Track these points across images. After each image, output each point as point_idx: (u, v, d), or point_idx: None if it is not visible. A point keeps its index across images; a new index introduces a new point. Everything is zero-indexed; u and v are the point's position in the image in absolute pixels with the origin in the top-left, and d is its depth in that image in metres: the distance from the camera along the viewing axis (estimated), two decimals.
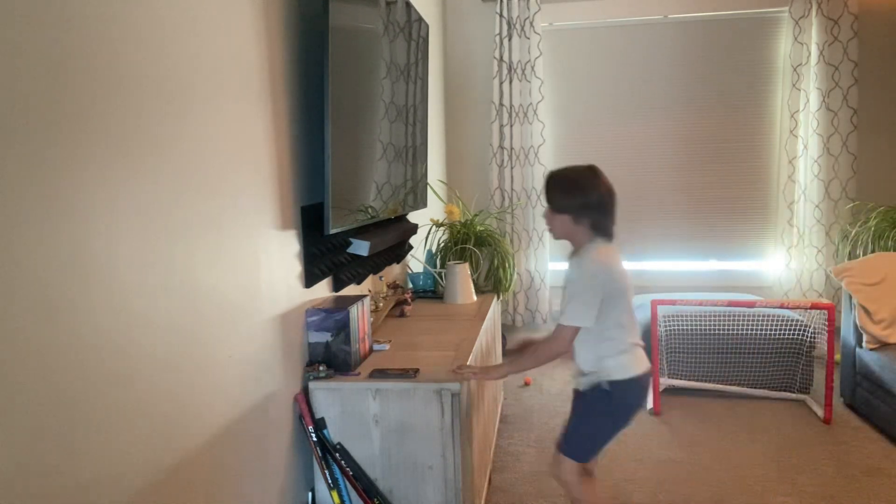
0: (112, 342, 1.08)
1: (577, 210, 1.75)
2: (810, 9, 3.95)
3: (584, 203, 1.75)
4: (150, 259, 1.18)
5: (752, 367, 3.41)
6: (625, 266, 1.81)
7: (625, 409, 1.80)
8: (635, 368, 1.76)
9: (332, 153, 1.78)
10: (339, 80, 1.84)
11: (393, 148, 2.41)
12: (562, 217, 1.78)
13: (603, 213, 1.77)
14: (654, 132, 4.31)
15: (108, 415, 1.07)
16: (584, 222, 1.76)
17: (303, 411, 1.82)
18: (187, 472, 1.30)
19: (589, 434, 1.84)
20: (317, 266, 1.96)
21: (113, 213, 1.08)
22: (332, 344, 1.89)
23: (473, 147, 4.51)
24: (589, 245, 1.76)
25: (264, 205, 1.65)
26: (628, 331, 1.78)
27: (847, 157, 3.99)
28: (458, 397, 1.78)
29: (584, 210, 1.75)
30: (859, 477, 2.54)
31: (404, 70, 2.53)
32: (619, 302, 1.75)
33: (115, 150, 1.09)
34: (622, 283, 1.76)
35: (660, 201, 4.36)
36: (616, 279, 1.73)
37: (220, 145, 1.44)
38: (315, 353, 1.91)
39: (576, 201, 1.75)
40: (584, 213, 1.75)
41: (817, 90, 3.97)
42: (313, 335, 1.90)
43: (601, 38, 4.30)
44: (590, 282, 1.70)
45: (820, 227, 4.07)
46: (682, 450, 2.82)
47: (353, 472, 1.84)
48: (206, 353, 1.38)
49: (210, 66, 1.39)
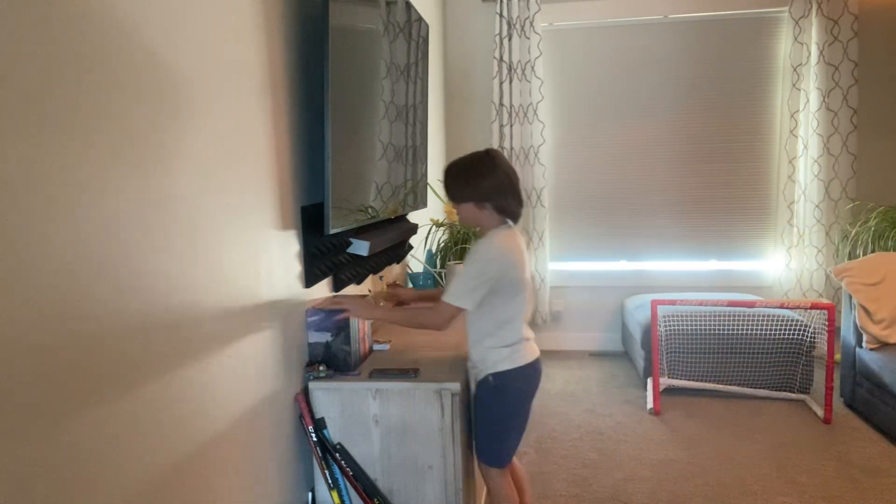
0: (111, 342, 1.08)
1: (477, 196, 1.76)
2: (810, 9, 3.95)
3: (484, 188, 1.75)
4: (150, 258, 1.18)
5: (752, 367, 3.41)
6: (525, 256, 1.82)
7: (517, 398, 1.83)
8: (522, 359, 1.80)
9: (332, 153, 1.78)
10: (339, 80, 1.84)
11: (393, 148, 2.41)
12: (465, 206, 1.79)
13: (504, 195, 1.76)
14: (653, 132, 4.31)
15: (108, 415, 1.07)
16: (488, 206, 1.76)
17: (303, 411, 1.82)
18: (187, 472, 1.30)
19: (494, 433, 1.85)
20: (317, 266, 1.96)
21: (113, 212, 1.08)
22: (332, 344, 1.89)
23: (473, 147, 4.47)
24: (495, 230, 1.78)
25: (264, 204, 1.65)
26: (517, 327, 1.80)
27: (847, 157, 3.99)
28: (458, 397, 1.78)
29: (485, 195, 1.75)
30: (859, 477, 2.54)
31: (404, 70, 2.53)
32: (511, 296, 1.76)
33: (114, 150, 1.09)
34: (519, 273, 1.75)
35: (660, 201, 4.37)
36: (512, 269, 1.74)
37: (220, 145, 1.44)
38: (315, 352, 1.91)
39: (474, 188, 1.75)
40: (485, 199, 1.75)
41: (817, 90, 3.97)
42: (313, 335, 1.90)
43: (601, 38, 4.30)
44: (484, 266, 1.71)
45: (820, 227, 4.07)
46: (682, 450, 2.82)
47: (353, 472, 1.84)
48: (206, 353, 1.38)
49: (210, 66, 1.39)
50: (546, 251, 4.38)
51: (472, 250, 1.74)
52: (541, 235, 4.35)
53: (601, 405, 3.41)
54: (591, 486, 2.53)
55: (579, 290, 4.52)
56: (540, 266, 4.38)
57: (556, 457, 2.79)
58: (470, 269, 1.71)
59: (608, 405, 3.40)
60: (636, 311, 3.87)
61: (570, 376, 3.93)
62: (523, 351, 1.82)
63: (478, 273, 1.71)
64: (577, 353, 4.46)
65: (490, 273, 1.71)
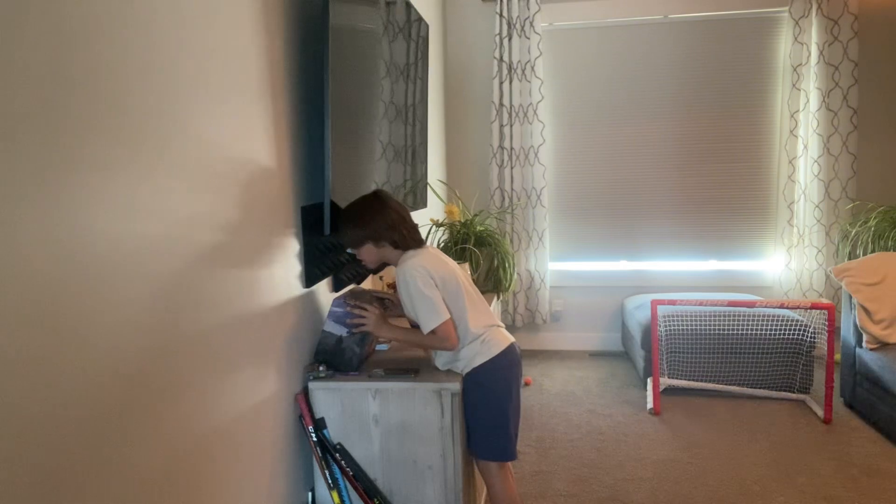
0: (111, 342, 1.08)
1: (372, 238, 1.83)
2: (810, 9, 3.95)
3: (375, 230, 1.82)
4: (149, 258, 1.18)
5: (753, 367, 3.41)
6: (445, 260, 1.86)
7: (501, 387, 1.86)
8: (495, 348, 1.84)
9: (331, 153, 1.78)
10: (339, 80, 1.84)
11: (393, 148, 2.41)
12: (365, 248, 1.85)
13: (398, 232, 1.83)
14: (653, 132, 4.31)
15: (108, 415, 1.07)
16: (385, 244, 1.83)
17: (303, 411, 1.82)
18: (187, 471, 1.30)
19: (488, 428, 1.87)
20: (317, 266, 1.96)
21: (112, 212, 1.08)
22: (345, 339, 1.86)
23: (473, 147, 4.51)
24: (403, 258, 1.84)
25: (264, 205, 1.65)
26: (475, 321, 1.84)
27: (847, 157, 3.99)
28: (457, 397, 1.78)
29: (379, 235, 1.82)
30: (859, 477, 2.54)
31: (404, 70, 2.53)
32: (454, 298, 1.82)
33: (113, 149, 1.09)
34: (450, 277, 1.82)
35: (660, 201, 4.36)
36: (440, 278, 1.80)
37: (220, 145, 1.44)
38: (323, 343, 1.87)
39: (368, 231, 1.82)
40: (379, 238, 1.82)
41: (817, 90, 3.97)
42: (330, 324, 1.86)
43: (601, 38, 4.30)
44: (420, 286, 1.76)
45: (820, 227, 4.07)
46: (682, 450, 2.82)
47: (353, 472, 1.84)
48: (206, 352, 1.38)
49: (210, 66, 1.39)
50: (546, 251, 4.38)
51: (400, 283, 1.80)
52: (541, 235, 4.34)
53: (601, 405, 3.41)
54: (591, 486, 2.53)
55: (579, 290, 4.52)
56: (540, 266, 4.38)
57: (556, 457, 2.79)
58: (416, 295, 1.77)
59: (608, 405, 3.40)
60: (636, 311, 3.87)
61: (570, 376, 3.93)
62: (491, 341, 1.85)
63: (419, 293, 1.76)
64: (577, 353, 4.46)
65: (425, 285, 1.76)
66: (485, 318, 1.88)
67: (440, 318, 1.76)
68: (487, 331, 1.86)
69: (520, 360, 1.92)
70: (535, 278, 4.40)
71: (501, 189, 4.36)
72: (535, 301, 4.42)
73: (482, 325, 1.86)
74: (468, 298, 1.85)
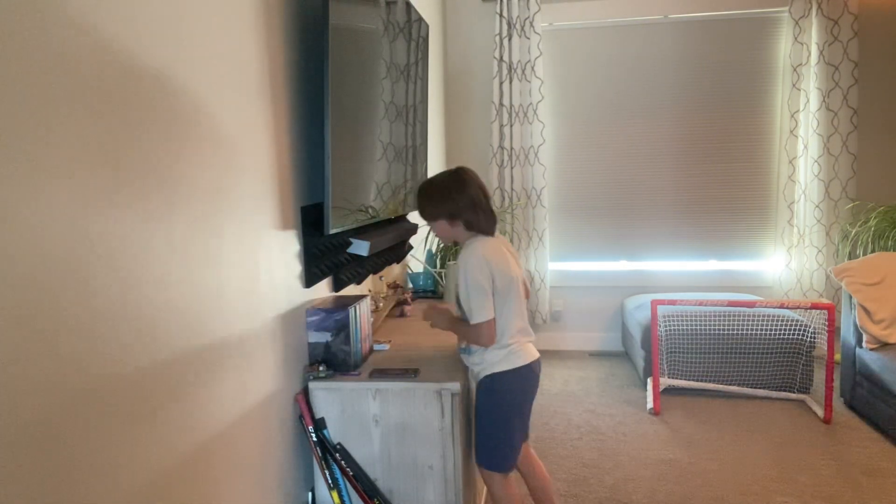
0: (111, 342, 1.08)
1: (448, 215, 1.84)
2: (810, 9, 3.95)
3: (455, 205, 1.83)
4: (149, 258, 1.18)
5: (753, 367, 3.41)
6: (507, 255, 1.87)
7: (514, 399, 1.86)
8: (518, 360, 1.83)
9: (332, 153, 1.78)
10: (339, 80, 1.84)
11: (393, 148, 2.41)
12: (439, 223, 1.87)
13: (475, 211, 1.84)
14: (654, 132, 4.31)
15: (108, 415, 1.07)
16: (459, 223, 1.85)
17: (303, 411, 1.82)
18: (187, 471, 1.30)
19: (492, 436, 1.86)
20: (317, 266, 1.96)
21: (112, 212, 1.08)
22: (332, 344, 1.89)
23: (473, 147, 4.51)
24: (469, 242, 1.85)
25: (264, 205, 1.65)
26: (512, 328, 1.84)
27: (847, 156, 3.99)
28: (458, 397, 1.78)
29: (457, 212, 1.83)
30: (859, 477, 2.54)
31: (404, 70, 2.53)
32: (503, 298, 1.82)
33: (112, 148, 1.09)
34: (505, 276, 1.81)
35: (660, 201, 4.37)
36: (498, 273, 1.80)
37: (220, 145, 1.44)
38: (315, 352, 1.91)
39: (445, 207, 1.84)
40: (456, 216, 1.84)
41: (817, 90, 3.97)
42: (313, 335, 1.90)
43: (601, 38, 4.30)
44: (478, 276, 1.77)
45: (820, 227, 4.07)
46: (682, 450, 2.82)
47: (354, 473, 1.84)
48: (206, 352, 1.38)
49: (210, 65, 1.39)
50: (546, 251, 4.38)
51: (460, 265, 1.80)
52: (541, 235, 4.34)
53: (601, 405, 3.41)
54: (591, 486, 2.53)
55: (579, 290, 4.52)
56: (540, 266, 4.38)
57: (556, 457, 2.79)
58: (468, 283, 1.78)
59: (608, 405, 3.40)
60: (636, 311, 3.87)
61: (570, 376, 3.93)
62: (519, 352, 1.84)
63: (476, 284, 1.77)
64: (577, 353, 4.46)
65: (483, 278, 1.77)
66: (521, 325, 1.87)
67: (485, 316, 1.76)
68: (518, 342, 1.85)
69: (538, 377, 1.91)
70: (535, 278, 4.40)
71: (501, 189, 4.37)
72: (536, 301, 4.42)
73: (517, 333, 1.85)
74: (517, 300, 1.85)
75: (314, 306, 1.91)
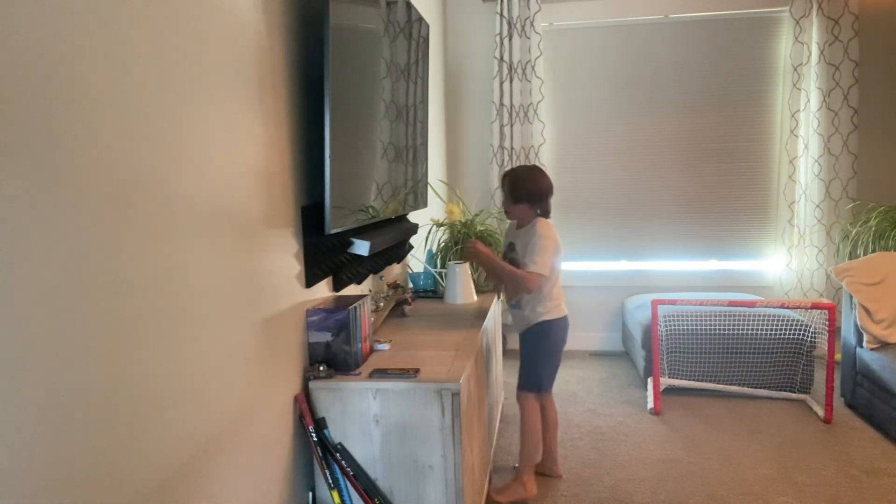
0: (111, 342, 1.08)
1: (528, 199, 2.36)
2: (811, 8, 3.95)
3: (537, 194, 2.37)
4: (149, 259, 1.18)
5: (753, 367, 3.41)
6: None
7: (556, 340, 2.44)
8: (560, 312, 2.43)
9: (332, 153, 1.78)
10: (339, 80, 1.84)
11: (393, 148, 2.41)
12: (521, 206, 2.38)
13: (547, 200, 2.41)
14: (654, 132, 4.31)
15: (108, 415, 1.07)
16: (534, 208, 2.39)
17: (303, 411, 1.82)
18: (187, 471, 1.30)
19: (540, 364, 2.44)
20: (317, 266, 1.96)
21: (111, 211, 1.08)
22: (332, 344, 1.89)
23: (473, 147, 4.51)
24: (536, 219, 2.38)
25: (264, 205, 1.65)
26: (557, 290, 2.43)
27: (848, 156, 3.99)
28: (458, 397, 1.78)
29: (538, 198, 2.37)
30: (859, 477, 2.54)
31: (404, 70, 2.53)
32: (558, 265, 2.39)
33: (112, 147, 1.09)
34: (560, 254, 2.38)
35: (660, 201, 4.37)
36: (559, 249, 2.36)
37: (220, 145, 1.44)
38: (315, 353, 1.91)
39: (531, 193, 2.36)
40: (536, 202, 2.37)
41: (818, 90, 3.97)
42: (314, 335, 1.90)
43: (601, 38, 4.30)
44: (549, 242, 2.31)
45: (820, 227, 4.07)
46: (682, 450, 2.82)
47: (354, 472, 1.84)
48: (207, 352, 1.38)
49: (209, 65, 1.39)
50: None
51: (538, 230, 2.32)
52: None
53: (601, 405, 3.41)
54: (591, 486, 2.53)
55: (579, 289, 4.52)
56: None
57: None
58: (543, 245, 2.28)
59: (608, 405, 3.40)
60: (636, 311, 3.87)
61: (571, 376, 3.93)
62: (561, 306, 2.44)
63: (547, 247, 2.28)
64: (578, 353, 4.46)
65: (553, 245, 2.31)
66: (560, 290, 2.46)
67: (541, 270, 2.27)
68: (560, 300, 2.43)
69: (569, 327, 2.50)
70: None
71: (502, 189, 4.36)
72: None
73: (558, 295, 2.43)
74: (559, 272, 2.42)
75: (314, 306, 1.91)
